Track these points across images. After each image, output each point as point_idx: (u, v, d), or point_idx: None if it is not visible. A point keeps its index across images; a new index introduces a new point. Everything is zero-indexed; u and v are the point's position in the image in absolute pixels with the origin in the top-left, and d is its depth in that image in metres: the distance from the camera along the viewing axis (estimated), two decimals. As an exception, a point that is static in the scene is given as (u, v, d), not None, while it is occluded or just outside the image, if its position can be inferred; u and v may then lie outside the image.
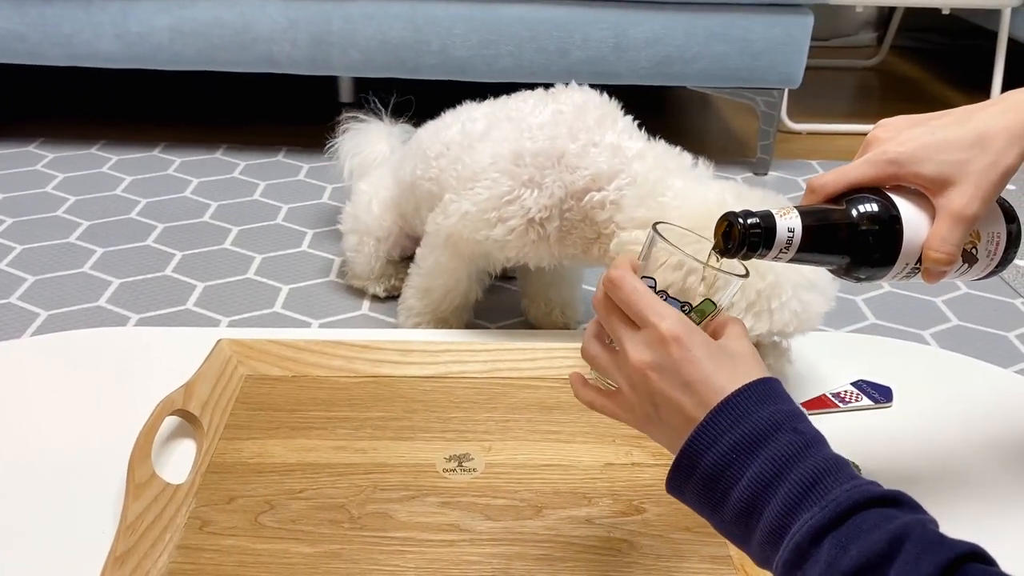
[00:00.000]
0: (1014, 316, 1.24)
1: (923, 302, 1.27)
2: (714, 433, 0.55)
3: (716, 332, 0.62)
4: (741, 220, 0.61)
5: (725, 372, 0.57)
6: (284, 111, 2.01)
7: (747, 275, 0.63)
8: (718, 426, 0.55)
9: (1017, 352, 1.16)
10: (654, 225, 0.63)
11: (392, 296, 1.23)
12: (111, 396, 0.95)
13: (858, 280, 0.69)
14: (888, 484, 0.53)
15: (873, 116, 2.07)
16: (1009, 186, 1.47)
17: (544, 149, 0.97)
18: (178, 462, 0.85)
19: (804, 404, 0.97)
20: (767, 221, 0.62)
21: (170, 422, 0.89)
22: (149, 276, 1.28)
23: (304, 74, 1.63)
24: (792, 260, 0.64)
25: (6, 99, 1.99)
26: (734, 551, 0.76)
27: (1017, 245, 0.72)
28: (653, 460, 0.87)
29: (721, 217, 0.63)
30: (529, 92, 1.06)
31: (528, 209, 0.97)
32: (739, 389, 0.56)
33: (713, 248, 0.63)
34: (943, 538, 0.47)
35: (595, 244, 1.00)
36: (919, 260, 0.66)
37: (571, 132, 0.98)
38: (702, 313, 0.65)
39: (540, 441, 0.90)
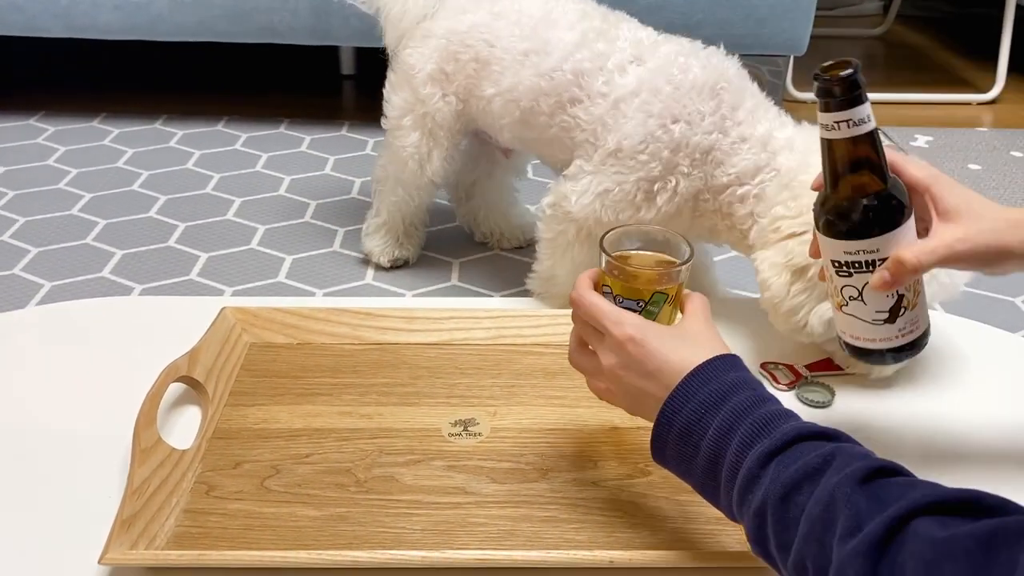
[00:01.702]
0: (1021, 281, 1.24)
1: (929, 268, 1.26)
2: (685, 395, 0.64)
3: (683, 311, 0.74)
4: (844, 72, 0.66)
5: (683, 352, 0.67)
6: (286, 83, 1.99)
7: (687, 260, 0.73)
8: (688, 388, 0.64)
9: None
10: (600, 240, 0.74)
11: (396, 267, 1.23)
12: (115, 364, 0.95)
13: (835, 233, 0.72)
14: (895, 446, 0.55)
15: (880, 85, 2.07)
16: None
17: (701, 144, 0.94)
18: (184, 429, 0.86)
19: (811, 365, 0.96)
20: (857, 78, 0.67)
21: (176, 390, 0.89)
22: (152, 247, 1.27)
23: (305, 44, 1.62)
24: (846, 145, 0.68)
25: (6, 72, 1.98)
26: (740, 512, 0.76)
27: (919, 347, 0.76)
28: (658, 424, 0.87)
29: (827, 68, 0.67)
30: (679, 47, 0.98)
31: (679, 194, 0.96)
32: (706, 361, 0.65)
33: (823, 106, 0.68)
34: (868, 453, 0.58)
35: (726, 232, 0.99)
36: (882, 259, 0.71)
37: (723, 124, 0.94)
38: (657, 304, 0.74)
39: (545, 406, 0.90)
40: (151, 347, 0.92)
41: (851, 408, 0.92)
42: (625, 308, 0.73)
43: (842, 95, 0.67)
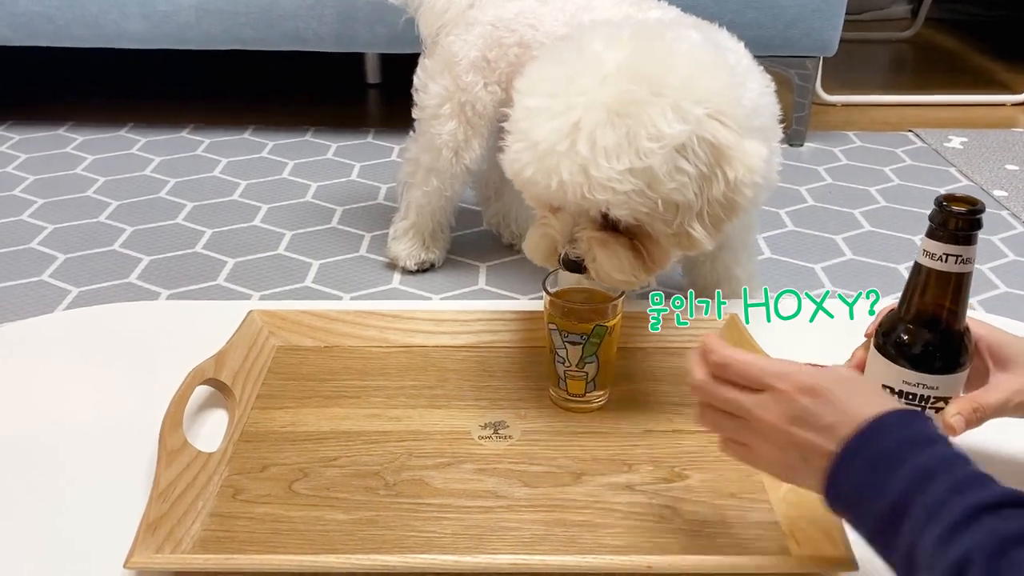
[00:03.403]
0: (1065, 283, 1.20)
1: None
2: (886, 424, 0.56)
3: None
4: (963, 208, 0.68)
5: (856, 410, 0.58)
6: (312, 93, 2.00)
7: (622, 294, 0.82)
8: (891, 419, 0.56)
9: (1069, 318, 1.12)
10: (543, 282, 0.84)
11: (423, 270, 1.21)
12: (142, 368, 0.94)
13: (901, 358, 0.73)
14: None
15: (910, 87, 2.04)
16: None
17: None
18: (211, 432, 0.84)
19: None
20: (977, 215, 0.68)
21: (203, 393, 0.88)
22: (179, 253, 1.27)
23: (330, 51, 1.61)
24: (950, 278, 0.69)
25: (36, 82, 2.00)
26: (782, 516, 0.73)
27: None
28: (695, 427, 0.84)
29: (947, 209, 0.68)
30: (705, 34, 0.89)
31: None
32: (894, 410, 0.57)
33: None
34: None
35: None
36: (938, 398, 0.72)
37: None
38: (599, 335, 0.81)
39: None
40: (178, 351, 0.91)
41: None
42: (570, 342, 0.82)
43: (963, 230, 0.67)
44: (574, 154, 0.74)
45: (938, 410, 0.72)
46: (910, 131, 1.75)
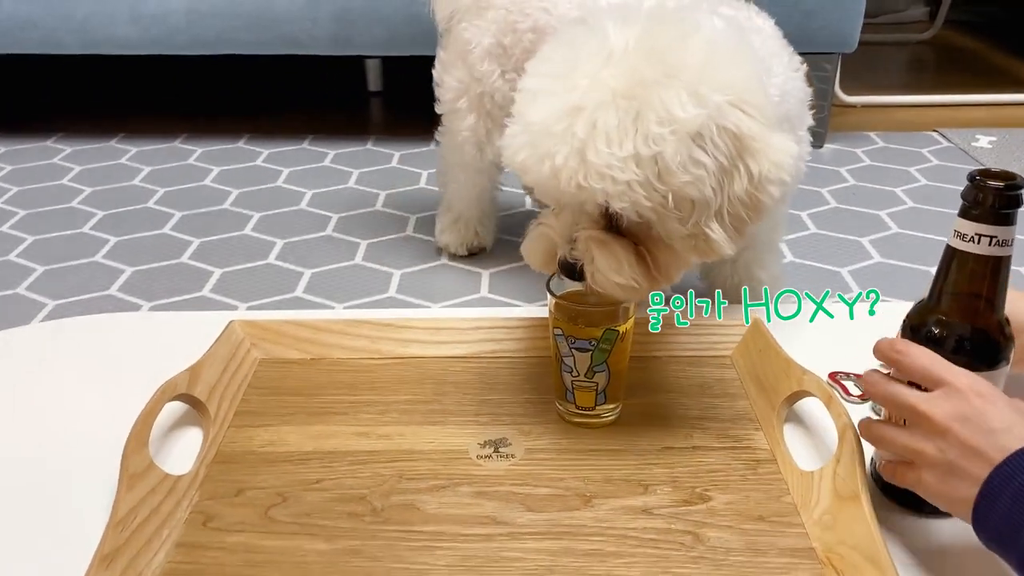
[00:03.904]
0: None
1: None
2: None
3: None
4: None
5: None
6: (311, 101, 1.93)
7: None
8: None
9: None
10: (547, 283, 0.75)
11: (472, 253, 1.18)
12: (113, 383, 0.86)
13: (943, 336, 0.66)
14: None
15: (932, 87, 1.96)
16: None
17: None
18: (183, 452, 0.77)
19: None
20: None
21: (177, 410, 0.80)
22: (164, 263, 1.20)
23: (326, 54, 1.55)
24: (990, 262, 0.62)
25: (23, 92, 1.94)
26: (817, 541, 0.65)
27: None
28: (717, 443, 0.76)
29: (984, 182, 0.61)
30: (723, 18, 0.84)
31: None
32: None
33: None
34: None
35: None
36: None
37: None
38: (609, 341, 0.74)
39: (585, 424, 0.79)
40: (153, 365, 0.83)
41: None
42: (578, 349, 0.75)
43: (999, 208, 0.60)
44: (570, 136, 0.65)
45: None
46: (935, 131, 1.66)
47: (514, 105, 0.72)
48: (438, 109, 1.09)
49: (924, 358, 0.62)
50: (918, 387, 0.63)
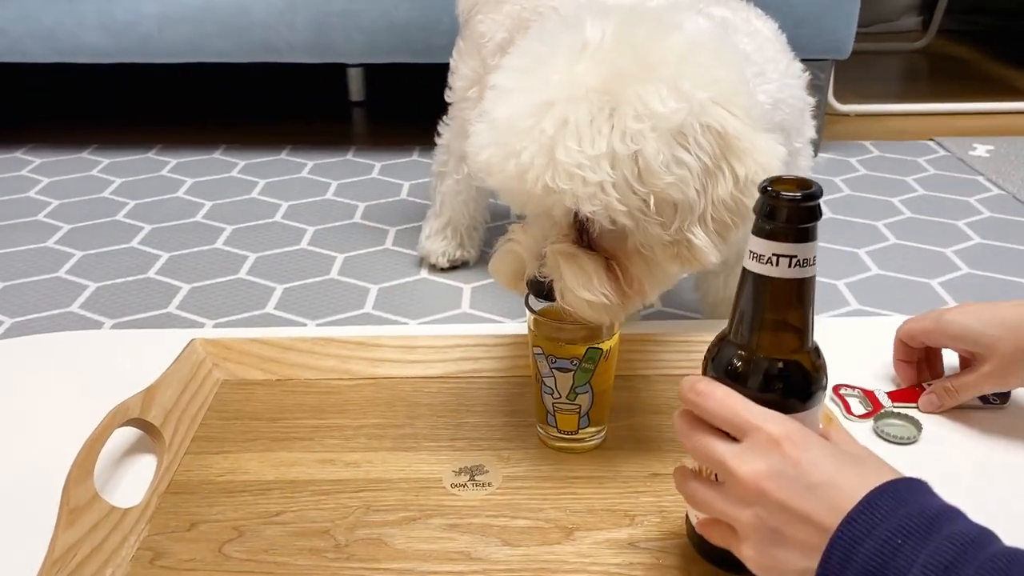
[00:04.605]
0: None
1: None
2: (870, 520, 0.45)
3: (824, 437, 0.54)
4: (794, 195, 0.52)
5: (853, 472, 0.48)
6: (291, 111, 1.88)
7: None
8: (876, 512, 0.45)
9: None
10: (525, 299, 0.69)
11: (454, 267, 1.14)
12: (65, 407, 0.81)
13: None
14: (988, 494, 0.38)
15: (925, 97, 1.92)
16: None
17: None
18: (134, 482, 0.71)
19: (893, 394, 0.80)
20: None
21: (131, 435, 0.75)
22: (129, 279, 1.14)
23: (304, 61, 1.50)
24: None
25: (-4, 106, 1.89)
26: (819, 580, 0.59)
27: None
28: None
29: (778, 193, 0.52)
30: (733, 12, 0.81)
31: None
32: (892, 481, 0.47)
33: None
34: None
35: None
36: None
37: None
38: (592, 360, 0.69)
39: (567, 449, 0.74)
40: (109, 387, 0.78)
41: (939, 447, 0.76)
42: (559, 369, 0.69)
43: (796, 222, 0.51)
44: (538, 132, 0.60)
45: None
46: (931, 140, 1.62)
47: (480, 105, 0.67)
48: (448, 97, 1.07)
49: (728, 401, 0.53)
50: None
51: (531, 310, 0.69)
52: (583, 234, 0.65)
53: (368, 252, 1.21)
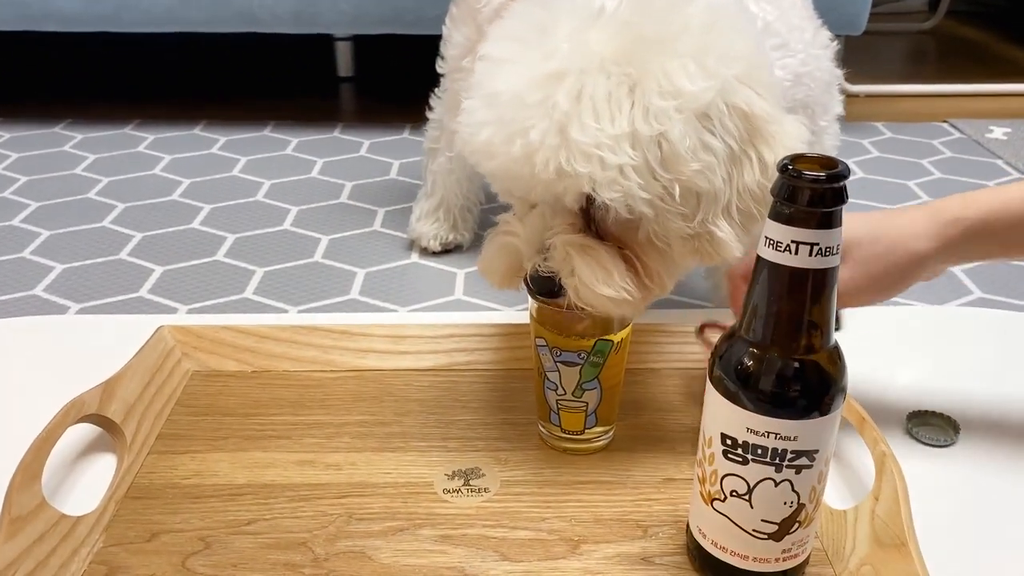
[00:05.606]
0: None
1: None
2: None
3: None
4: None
5: None
6: (277, 86, 1.80)
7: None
8: None
9: None
10: (526, 280, 0.60)
11: (447, 250, 1.08)
12: (19, 401, 0.74)
13: (744, 399, 0.51)
14: None
15: (933, 77, 1.85)
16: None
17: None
18: (89, 485, 0.64)
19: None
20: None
21: (89, 432, 0.68)
22: (99, 260, 1.07)
23: (289, 32, 1.42)
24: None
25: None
26: (858, 603, 0.53)
27: None
28: (728, 473, 0.64)
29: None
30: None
31: None
32: None
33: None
34: None
35: None
36: (797, 451, 0.52)
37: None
38: (601, 354, 0.63)
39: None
40: (68, 378, 0.71)
41: (978, 450, 0.69)
42: (564, 363, 0.63)
43: (819, 205, 0.46)
44: (549, 108, 0.52)
45: (799, 469, 0.50)
46: (946, 121, 1.55)
47: (473, 77, 0.60)
48: (440, 68, 1.01)
49: None
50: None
51: (534, 295, 0.62)
52: (589, 223, 0.58)
53: (355, 234, 1.14)
